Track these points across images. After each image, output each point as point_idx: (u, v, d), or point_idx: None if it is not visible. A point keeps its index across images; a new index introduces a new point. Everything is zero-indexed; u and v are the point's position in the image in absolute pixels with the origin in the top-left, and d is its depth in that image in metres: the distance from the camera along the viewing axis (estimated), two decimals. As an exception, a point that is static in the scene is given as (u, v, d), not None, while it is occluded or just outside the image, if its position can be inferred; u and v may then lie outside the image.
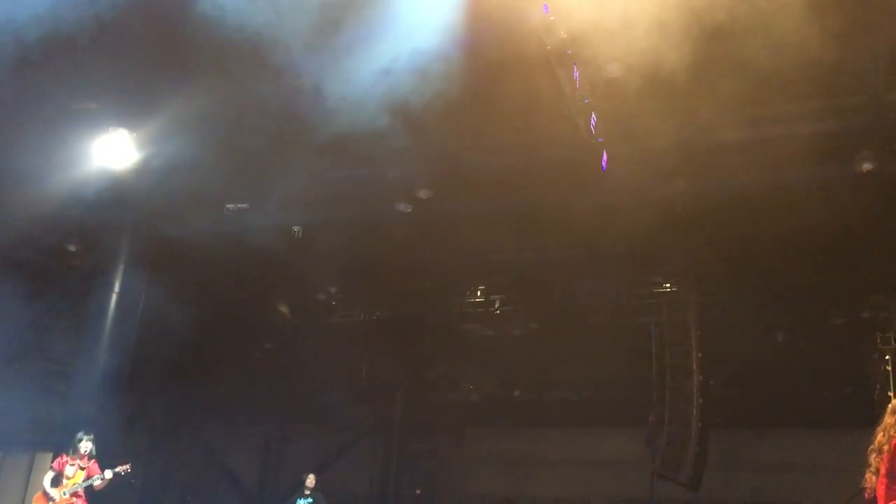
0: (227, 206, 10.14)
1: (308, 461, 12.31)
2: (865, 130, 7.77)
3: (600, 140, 8.18)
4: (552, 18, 6.63)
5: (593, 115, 7.85)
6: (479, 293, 12.00)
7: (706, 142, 7.94)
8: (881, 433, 4.11)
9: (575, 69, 7.18)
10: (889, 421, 4.14)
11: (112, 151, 8.89)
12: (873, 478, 4.07)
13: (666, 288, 11.35)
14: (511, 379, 13.37)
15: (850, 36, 6.03)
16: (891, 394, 10.29)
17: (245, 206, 10.12)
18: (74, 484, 8.24)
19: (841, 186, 8.35)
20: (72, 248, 10.88)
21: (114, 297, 10.20)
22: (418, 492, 13.21)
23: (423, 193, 9.50)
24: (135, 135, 8.88)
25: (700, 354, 10.82)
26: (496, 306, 11.97)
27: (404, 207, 9.66)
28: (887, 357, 10.43)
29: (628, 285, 11.38)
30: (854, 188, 8.38)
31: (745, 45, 6.21)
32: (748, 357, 11.41)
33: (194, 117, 8.33)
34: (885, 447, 4.03)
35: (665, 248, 10.31)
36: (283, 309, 12.52)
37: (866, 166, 8.07)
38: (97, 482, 8.25)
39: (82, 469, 8.33)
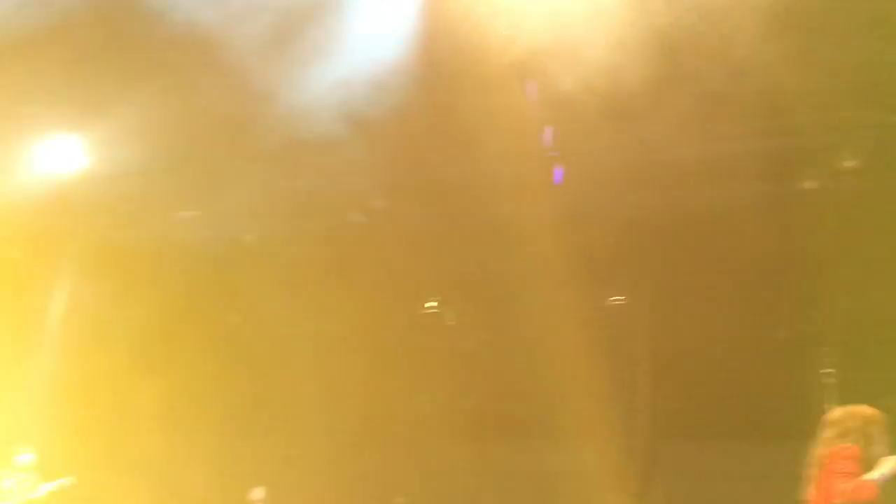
0: (177, 213, 10.00)
1: (257, 474, 12.12)
2: (809, 149, 8.03)
3: (555, 154, 8.31)
4: (509, 33, 6.71)
5: (548, 130, 7.96)
6: (432, 305, 11.99)
7: (658, 158, 8.10)
8: (819, 446, 4.22)
9: (531, 84, 7.28)
10: (825, 435, 4.27)
11: (58, 156, 8.71)
12: (813, 491, 4.17)
13: (616, 301, 11.49)
14: (462, 390, 13.36)
15: (799, 59, 6.24)
16: (829, 406, 10.56)
17: (195, 214, 9.99)
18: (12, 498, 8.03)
19: (786, 203, 8.58)
20: (15, 255, 10.61)
21: (57, 306, 9.99)
22: (367, 505, 13.10)
23: (377, 204, 9.49)
24: (82, 140, 8.72)
25: (649, 367, 10.99)
26: (449, 318, 11.97)
27: (358, 217, 9.63)
28: (826, 370, 10.74)
29: (580, 298, 11.49)
30: (798, 205, 8.63)
31: (698, 64, 6.38)
32: (695, 370, 11.59)
33: (144, 123, 8.21)
34: (823, 460, 4.14)
35: (616, 262, 10.45)
36: (234, 319, 12.35)
37: (809, 184, 8.35)
38: (38, 496, 8.05)
39: (21, 482, 8.12)
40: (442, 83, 7.28)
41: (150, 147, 8.57)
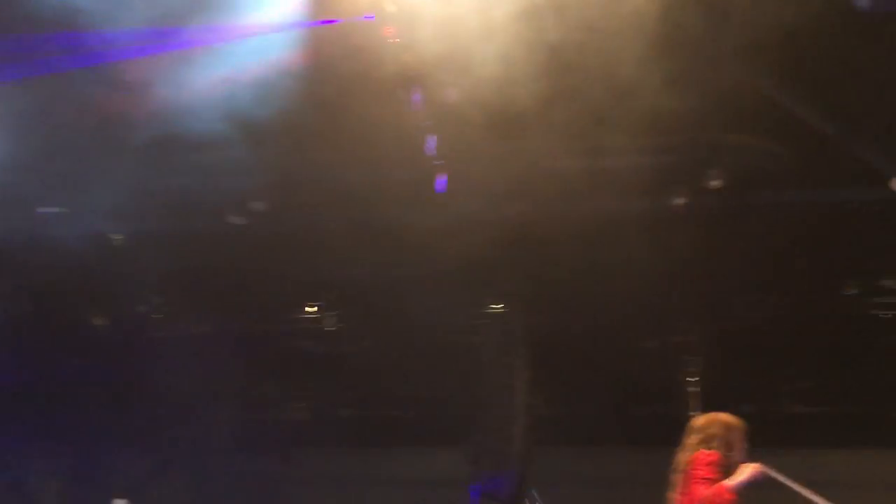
0: (40, 209, 9.44)
1: (119, 485, 11.59)
2: (683, 167, 8.42)
3: (439, 162, 8.34)
4: (397, 41, 6.69)
5: (433, 138, 7.98)
6: (312, 309, 11.78)
7: (541, 170, 8.28)
8: (682, 453, 4.40)
9: (417, 92, 7.28)
10: (688, 441, 4.45)
11: None
12: (676, 496, 4.34)
13: (496, 309, 11.63)
14: (341, 397, 13.21)
15: (677, 81, 6.52)
16: (692, 414, 11.06)
17: (60, 210, 9.46)
18: None
19: (660, 218, 8.93)
20: None
21: None
22: (239, 514, 12.76)
23: (257, 206, 9.25)
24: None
25: (526, 375, 11.17)
26: (329, 323, 11.79)
27: (237, 220, 9.36)
28: (692, 379, 11.27)
29: (460, 305, 11.56)
30: (670, 221, 9.00)
31: (583, 82, 6.56)
32: (570, 378, 11.90)
33: (3, 112, 7.71)
34: (685, 466, 4.31)
35: (497, 270, 10.59)
36: (100, 322, 11.76)
37: (680, 200, 8.77)
38: None
39: None
40: (329, 86, 7.18)
41: (11, 139, 8.05)
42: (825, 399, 12.61)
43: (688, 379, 11.24)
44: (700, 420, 4.84)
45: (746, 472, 4.44)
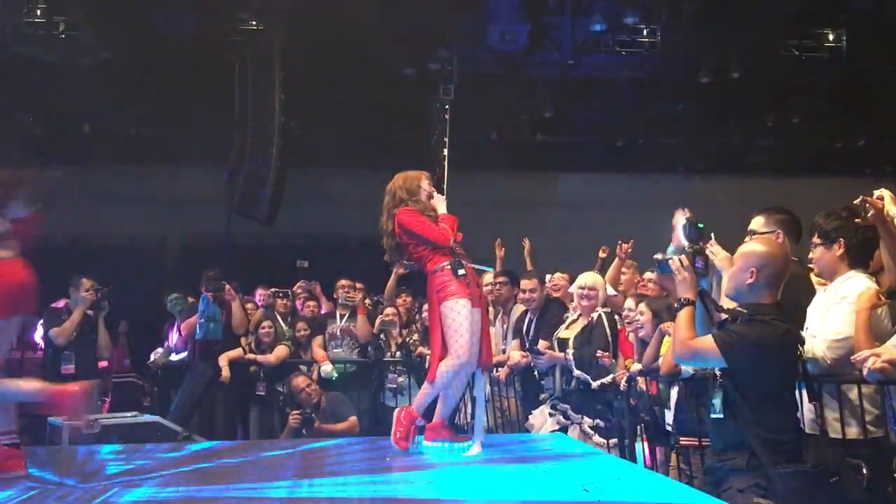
0: None
1: None
2: None
3: None
4: None
5: None
6: (39, 13, 10.41)
7: None
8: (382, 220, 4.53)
9: None
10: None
11: None
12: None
13: (252, 25, 11.00)
14: (79, 112, 12.18)
15: None
16: (446, 139, 11.57)
17: None
18: None
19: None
20: None
21: None
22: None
23: None
24: None
25: (283, 96, 10.90)
26: (61, 29, 10.54)
27: None
28: (446, 106, 11.61)
29: (212, 19, 10.78)
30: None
31: None
32: (327, 101, 11.80)
33: None
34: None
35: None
36: None
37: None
38: None
39: None
40: None
41: None
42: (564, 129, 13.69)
43: (442, 106, 11.55)
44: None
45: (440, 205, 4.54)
